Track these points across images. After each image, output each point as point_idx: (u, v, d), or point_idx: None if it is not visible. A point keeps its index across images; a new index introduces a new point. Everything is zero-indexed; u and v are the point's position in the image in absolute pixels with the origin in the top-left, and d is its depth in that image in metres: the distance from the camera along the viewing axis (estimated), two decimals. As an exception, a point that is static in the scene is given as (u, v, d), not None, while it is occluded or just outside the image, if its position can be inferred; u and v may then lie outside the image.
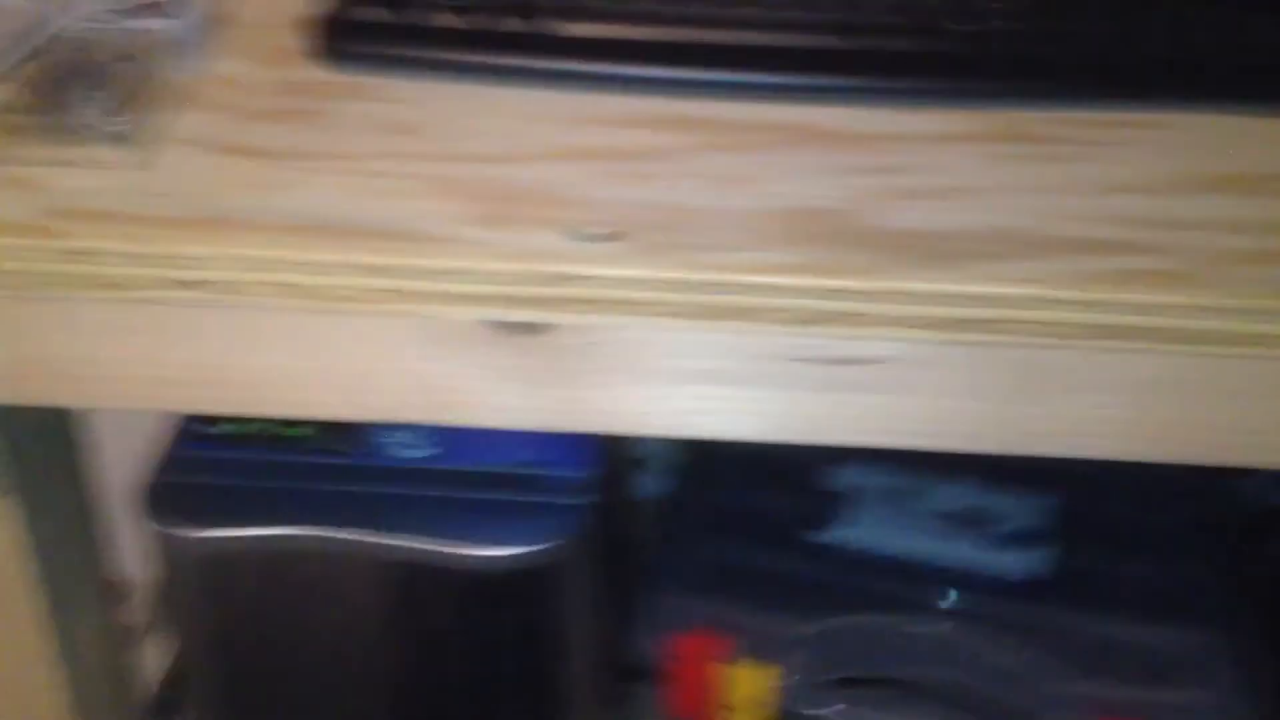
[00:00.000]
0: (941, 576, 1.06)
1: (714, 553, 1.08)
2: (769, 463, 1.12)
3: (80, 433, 0.92)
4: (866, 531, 1.08)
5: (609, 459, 0.95)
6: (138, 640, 1.05)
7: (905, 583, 1.05)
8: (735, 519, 1.11)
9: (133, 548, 0.96)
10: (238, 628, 0.95)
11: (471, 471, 0.92)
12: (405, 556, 0.90)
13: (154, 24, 0.72)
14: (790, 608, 1.04)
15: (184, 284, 0.63)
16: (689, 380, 0.64)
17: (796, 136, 0.66)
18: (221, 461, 0.94)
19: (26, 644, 0.90)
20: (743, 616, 1.04)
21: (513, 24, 0.69)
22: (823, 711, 1.02)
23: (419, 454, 0.92)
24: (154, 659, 1.06)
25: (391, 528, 0.90)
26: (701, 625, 1.03)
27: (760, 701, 1.03)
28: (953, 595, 1.04)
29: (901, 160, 0.65)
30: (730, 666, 1.03)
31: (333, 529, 0.90)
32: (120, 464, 0.96)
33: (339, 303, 0.63)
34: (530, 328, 0.63)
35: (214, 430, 0.94)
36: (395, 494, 0.91)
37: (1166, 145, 0.65)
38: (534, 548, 0.89)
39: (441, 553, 0.89)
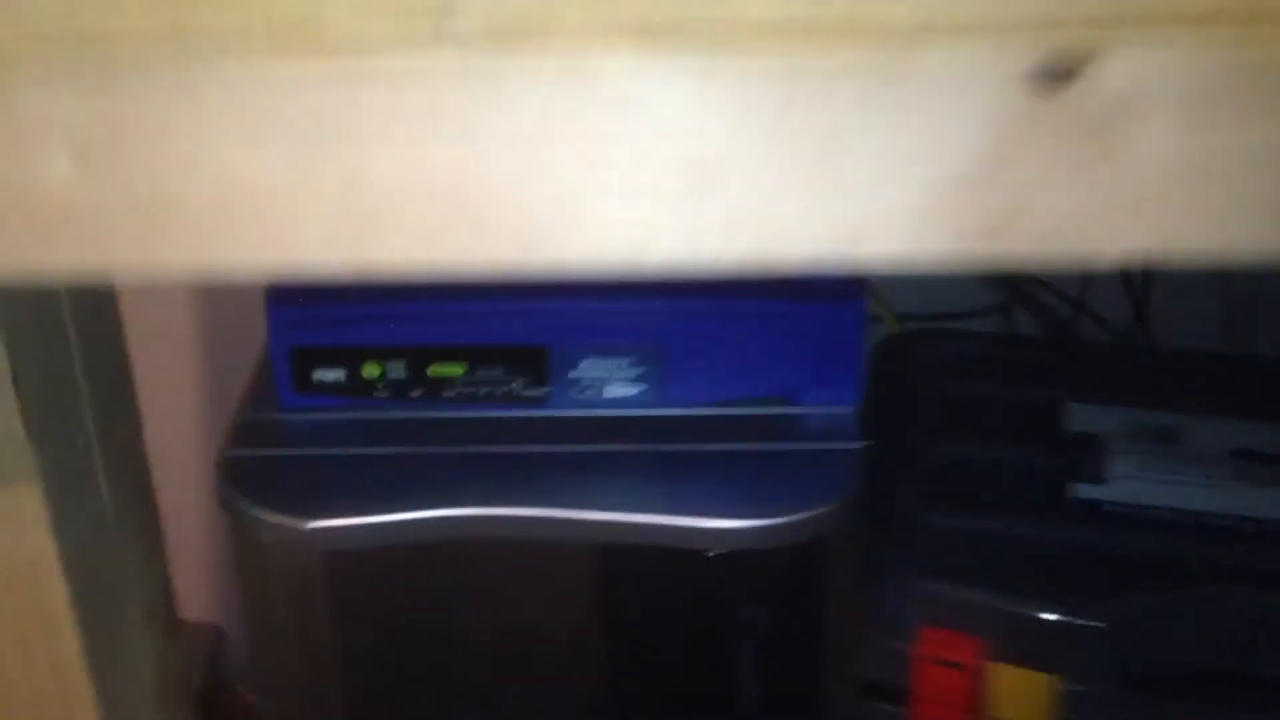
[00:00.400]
0: (1237, 532, 0.81)
1: (943, 521, 0.82)
2: (980, 404, 0.87)
3: (127, 384, 0.64)
4: (1128, 484, 0.82)
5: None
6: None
7: (1201, 545, 0.80)
8: (958, 476, 0.85)
9: (203, 551, 0.67)
10: (374, 655, 0.67)
11: (696, 416, 0.66)
12: (613, 537, 0.63)
13: None
14: (1062, 589, 0.78)
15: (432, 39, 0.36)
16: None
17: None
18: (333, 424, 0.66)
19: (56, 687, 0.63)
20: (1002, 604, 0.78)
21: None
22: (1125, 721, 0.77)
23: (622, 393, 0.65)
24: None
25: (592, 502, 0.63)
26: (950, 617, 0.77)
27: (1038, 712, 0.78)
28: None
29: None
30: (994, 669, 0.77)
31: (505, 507, 0.63)
32: (180, 429, 0.68)
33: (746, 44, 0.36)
34: (1054, 76, 0.37)
35: (316, 376, 0.66)
36: (593, 454, 0.64)
37: None
38: (794, 517, 0.63)
39: (664, 529, 0.62)
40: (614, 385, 0.65)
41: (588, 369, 0.64)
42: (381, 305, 0.64)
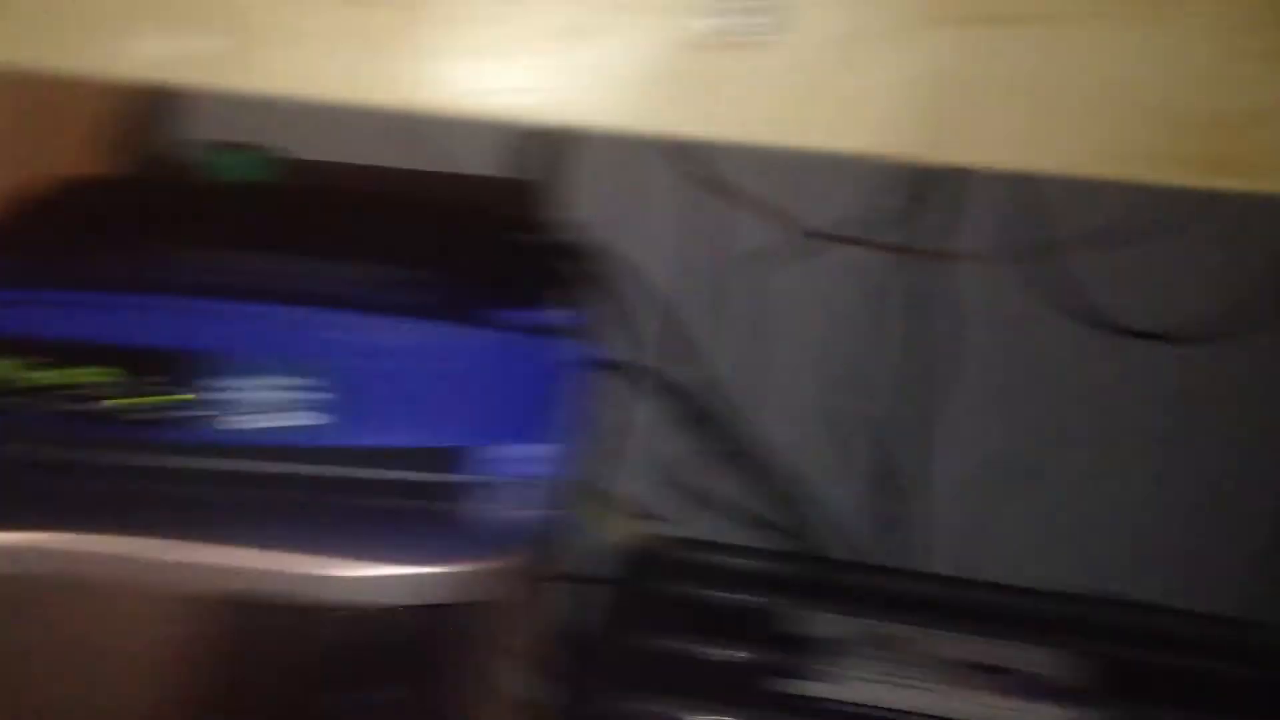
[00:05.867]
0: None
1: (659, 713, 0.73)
2: (714, 608, 0.82)
3: None
4: (853, 686, 0.75)
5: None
6: None
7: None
8: (684, 670, 0.76)
9: None
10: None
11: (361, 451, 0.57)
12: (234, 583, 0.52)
13: None
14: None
15: None
16: None
17: None
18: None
19: None
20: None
21: None
22: None
23: (293, 422, 0.55)
24: None
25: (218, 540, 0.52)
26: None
27: None
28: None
29: None
30: None
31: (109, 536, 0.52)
32: None
33: None
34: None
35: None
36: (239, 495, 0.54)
37: None
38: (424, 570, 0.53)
39: (289, 576, 0.52)
40: (267, 414, 0.55)
41: (241, 385, 0.54)
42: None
